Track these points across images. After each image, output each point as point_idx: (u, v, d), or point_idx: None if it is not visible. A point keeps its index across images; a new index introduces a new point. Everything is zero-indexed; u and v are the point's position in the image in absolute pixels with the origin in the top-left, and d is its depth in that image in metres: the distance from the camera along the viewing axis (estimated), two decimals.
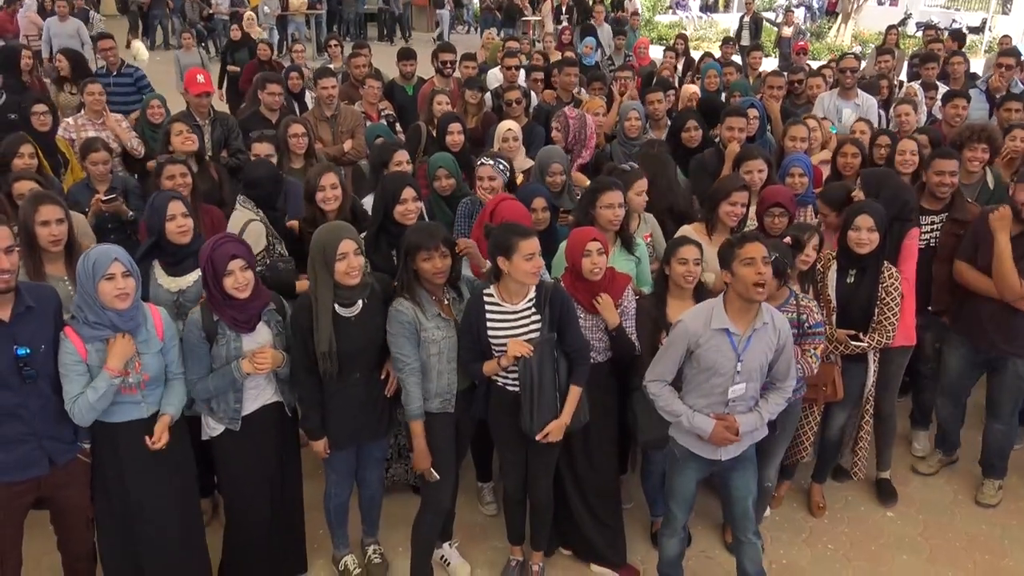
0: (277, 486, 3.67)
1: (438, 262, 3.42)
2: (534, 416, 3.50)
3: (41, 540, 3.50)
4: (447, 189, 4.77)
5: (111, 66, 7.82)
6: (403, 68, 7.37)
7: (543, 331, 3.48)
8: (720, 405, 3.39)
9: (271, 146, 4.88)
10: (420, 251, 3.39)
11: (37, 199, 3.63)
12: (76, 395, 3.09)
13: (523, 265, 3.38)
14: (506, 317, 3.48)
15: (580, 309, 3.72)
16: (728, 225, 4.27)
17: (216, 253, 3.26)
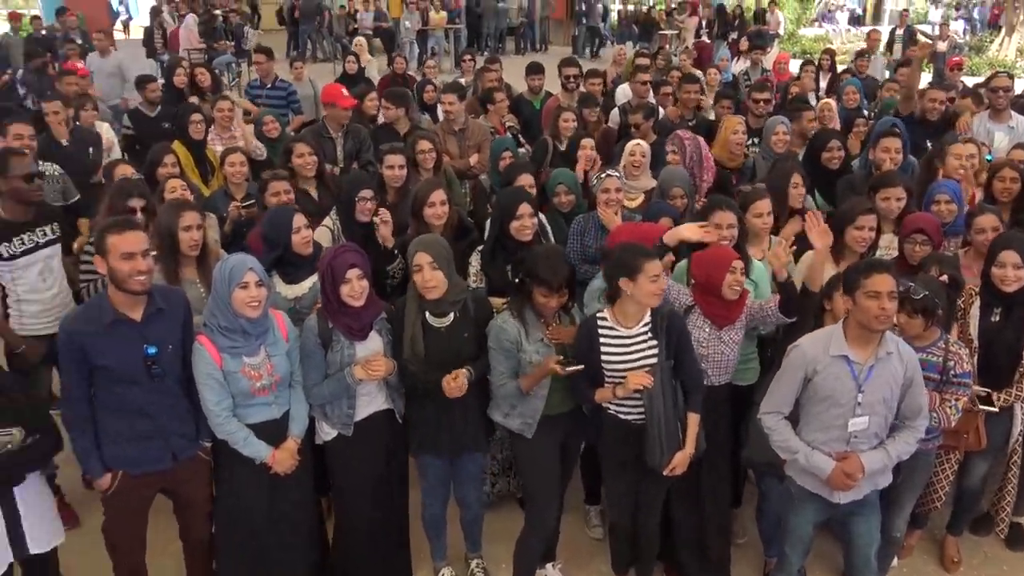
0: (385, 492, 3.73)
1: (554, 301, 3.43)
2: (664, 450, 3.40)
3: (169, 527, 3.68)
4: (566, 205, 4.74)
5: (264, 79, 8.23)
6: (531, 82, 7.41)
7: (660, 357, 3.39)
8: (840, 441, 3.19)
9: (403, 157, 4.98)
10: (542, 286, 3.38)
11: (179, 205, 3.85)
12: (219, 405, 3.24)
13: (648, 286, 3.30)
14: (621, 342, 3.41)
15: (708, 325, 3.63)
16: (856, 251, 4.04)
17: (336, 261, 3.36)
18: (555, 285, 3.37)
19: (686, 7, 20.40)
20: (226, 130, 6.47)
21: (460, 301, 3.54)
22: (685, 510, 3.83)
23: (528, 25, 22.88)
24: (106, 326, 3.13)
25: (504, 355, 3.50)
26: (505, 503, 4.49)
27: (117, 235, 3.09)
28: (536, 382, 3.50)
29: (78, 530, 4.15)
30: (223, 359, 3.23)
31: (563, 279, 3.39)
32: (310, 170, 5.07)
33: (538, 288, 3.40)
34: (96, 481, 3.32)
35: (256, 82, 8.33)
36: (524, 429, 3.59)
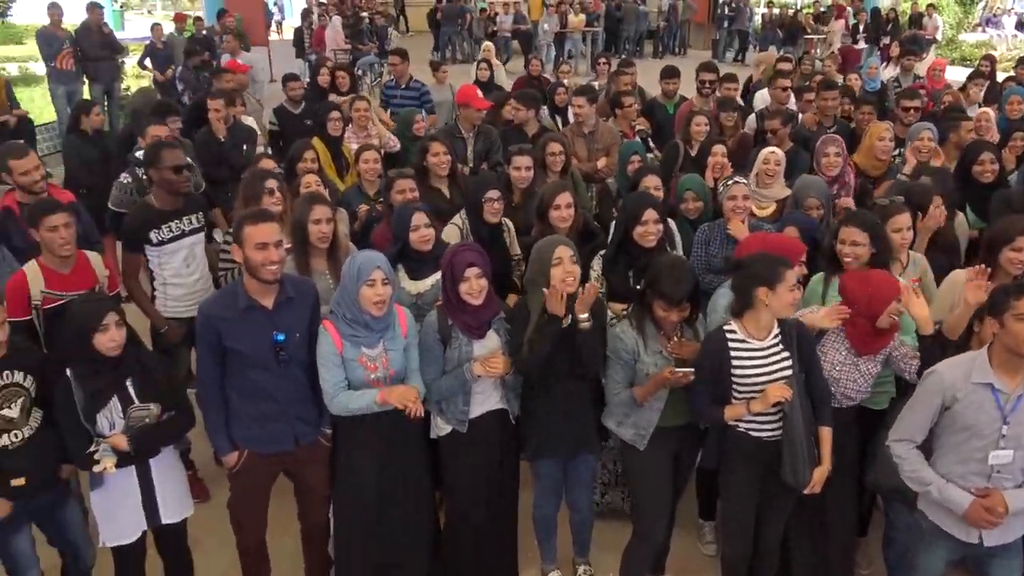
0: (496, 491, 3.74)
1: (674, 316, 3.35)
2: (804, 466, 3.26)
3: (291, 507, 3.82)
4: (693, 212, 4.64)
5: (399, 79, 8.47)
6: (665, 86, 7.28)
7: (794, 369, 3.26)
8: (980, 476, 2.96)
9: (530, 159, 5.00)
10: (662, 300, 3.31)
11: (312, 199, 4.00)
12: (335, 384, 3.33)
13: (787, 296, 3.20)
14: (753, 355, 3.29)
15: (846, 349, 3.46)
16: (1010, 273, 3.74)
17: (456, 259, 3.41)
18: (676, 299, 3.28)
19: (832, 10, 19.55)
20: (363, 129, 6.69)
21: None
22: (806, 533, 3.67)
23: (668, 28, 22.55)
24: (240, 312, 3.29)
25: (621, 365, 3.46)
26: (615, 516, 4.41)
27: (252, 225, 3.24)
28: (651, 393, 3.43)
29: (207, 504, 4.37)
30: (344, 346, 3.33)
31: (685, 293, 3.30)
32: (444, 169, 5.14)
33: (658, 301, 3.33)
34: (224, 458, 3.50)
35: (392, 82, 8.58)
36: (636, 440, 3.53)
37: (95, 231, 4.97)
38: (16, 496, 3.23)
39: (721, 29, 21.68)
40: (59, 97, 10.87)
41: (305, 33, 16.91)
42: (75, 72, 10.93)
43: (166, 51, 12.35)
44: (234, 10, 15.79)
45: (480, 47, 19.74)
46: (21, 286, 3.83)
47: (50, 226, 3.78)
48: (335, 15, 17.14)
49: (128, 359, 3.23)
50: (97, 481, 3.29)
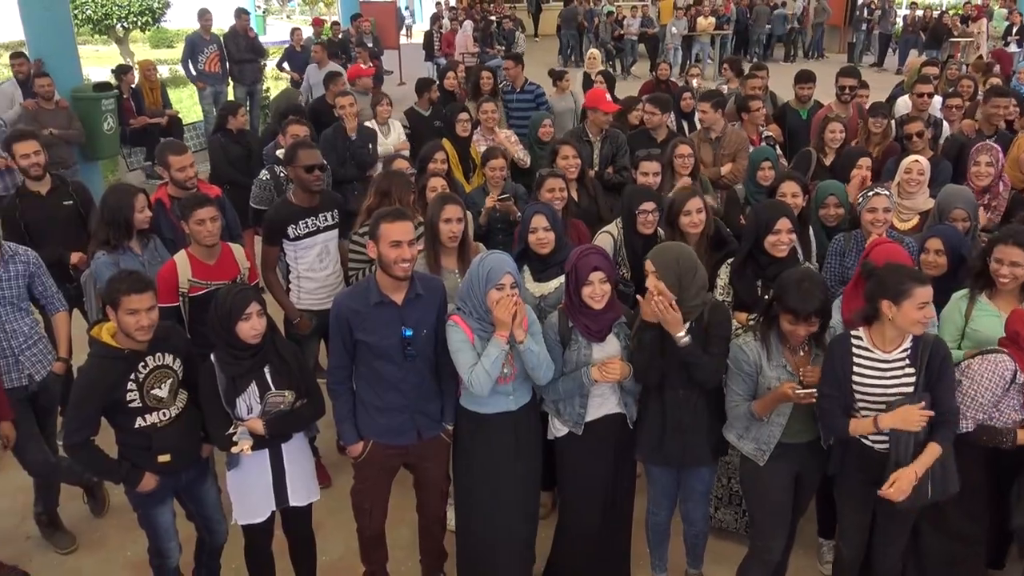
0: (610, 495, 3.73)
1: (801, 330, 3.23)
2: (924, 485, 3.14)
3: (410, 499, 3.93)
4: (834, 219, 4.49)
5: (514, 84, 8.56)
6: (799, 91, 7.03)
7: (917, 387, 3.12)
8: None
9: (658, 164, 4.95)
10: (789, 313, 3.21)
11: (443, 199, 4.09)
12: (471, 365, 3.36)
13: (914, 313, 3.05)
14: (876, 366, 3.17)
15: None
16: None
17: (581, 262, 3.41)
18: (803, 313, 3.17)
19: (972, 10, 18.43)
20: (490, 132, 6.78)
21: (700, 310, 3.44)
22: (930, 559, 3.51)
23: (799, 32, 21.84)
24: (371, 306, 3.40)
25: (742, 377, 3.38)
26: (731, 535, 4.32)
27: (388, 223, 3.33)
28: (770, 408, 3.34)
29: (329, 490, 4.55)
30: (475, 339, 3.38)
31: (814, 308, 3.17)
32: (573, 172, 5.15)
33: (785, 314, 3.22)
34: (349, 447, 3.62)
35: (508, 86, 8.67)
36: (757, 455, 3.44)
37: (238, 225, 5.25)
38: (162, 472, 3.44)
39: (858, 32, 20.79)
40: (205, 98, 11.54)
41: (434, 37, 17.31)
42: (220, 74, 11.57)
43: (304, 54, 12.90)
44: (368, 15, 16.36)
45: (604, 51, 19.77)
46: (171, 274, 4.08)
47: (198, 219, 4.02)
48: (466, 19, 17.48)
49: (266, 347, 3.39)
50: (233, 462, 3.47)
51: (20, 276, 4.10)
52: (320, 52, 11.10)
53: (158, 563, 3.67)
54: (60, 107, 8.05)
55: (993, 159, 4.87)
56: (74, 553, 4.36)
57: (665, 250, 3.48)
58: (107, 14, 20.78)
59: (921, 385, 3.12)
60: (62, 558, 4.33)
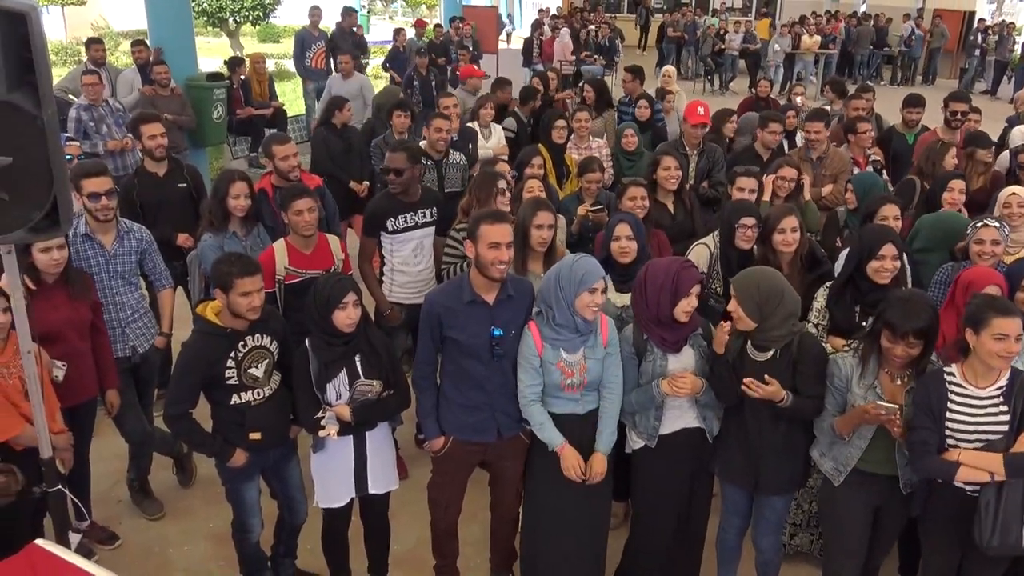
0: (684, 512, 3.69)
1: (898, 350, 3.13)
2: (995, 529, 3.01)
3: (482, 497, 3.99)
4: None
5: (631, 95, 8.54)
6: (907, 115, 6.81)
7: (1012, 425, 3.00)
8: None
9: (754, 180, 4.89)
10: (888, 329, 3.12)
11: (536, 204, 4.11)
12: (530, 387, 3.42)
13: (991, 344, 2.95)
14: (969, 402, 3.06)
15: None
16: None
17: (685, 274, 3.37)
18: (903, 331, 3.07)
19: None
20: (583, 140, 6.80)
21: (787, 339, 3.37)
22: None
23: (908, 54, 21.14)
24: (463, 304, 3.45)
25: (833, 391, 3.32)
26: (806, 558, 4.22)
27: (488, 225, 3.38)
28: (850, 425, 3.25)
29: (405, 483, 4.58)
30: (544, 348, 3.40)
31: (914, 328, 3.06)
32: (673, 183, 5.14)
33: (886, 329, 3.13)
34: (430, 441, 3.69)
35: (626, 98, 8.66)
36: (834, 475, 3.37)
37: (336, 217, 5.41)
38: (252, 448, 3.56)
39: (971, 58, 19.99)
40: (309, 93, 11.89)
41: (534, 43, 17.42)
42: (325, 70, 11.89)
43: (406, 54, 13.17)
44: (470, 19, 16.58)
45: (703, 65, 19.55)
46: (270, 261, 4.23)
47: (297, 209, 4.16)
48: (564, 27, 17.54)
49: (359, 336, 3.48)
50: (319, 445, 3.57)
51: (133, 252, 4.31)
52: (349, 64, 9.85)
53: (240, 537, 3.81)
54: (175, 94, 8.43)
55: None
56: (161, 520, 4.55)
57: (748, 275, 3.42)
58: (221, 7, 21.63)
59: (1015, 423, 3.00)
60: (149, 523, 4.52)
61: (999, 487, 3.00)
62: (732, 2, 27.82)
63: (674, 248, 4.67)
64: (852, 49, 20.62)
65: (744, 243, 4.18)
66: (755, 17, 24.37)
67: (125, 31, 23.17)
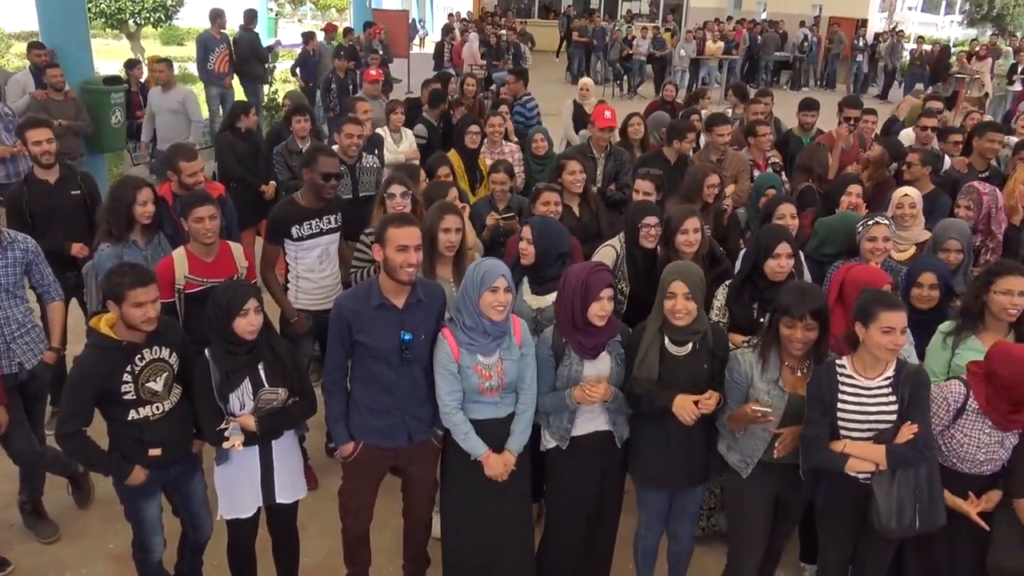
0: (595, 510, 3.73)
1: (798, 333, 3.24)
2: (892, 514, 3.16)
3: (393, 503, 3.94)
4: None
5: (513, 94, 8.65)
6: (802, 118, 7.09)
7: (898, 415, 3.15)
8: None
9: (652, 184, 5.00)
10: (784, 316, 3.24)
11: (443, 208, 4.12)
12: (449, 393, 3.41)
13: (879, 338, 3.10)
14: (859, 392, 3.20)
15: (985, 421, 3.28)
16: None
17: (594, 278, 3.39)
18: (798, 313, 3.19)
19: (980, 50, 18.63)
20: (496, 145, 6.83)
21: (702, 332, 3.47)
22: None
23: (804, 60, 22.04)
24: (373, 308, 3.42)
25: (733, 387, 3.40)
26: (720, 542, 4.33)
27: (396, 228, 3.37)
28: (737, 423, 3.37)
29: (315, 493, 4.49)
30: (460, 353, 3.40)
31: (810, 309, 3.19)
32: (578, 187, 5.21)
33: (783, 317, 3.24)
34: (340, 447, 3.64)
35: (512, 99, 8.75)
36: (741, 467, 3.47)
37: (236, 226, 5.29)
38: (152, 465, 3.44)
39: (854, 62, 21.02)
40: (213, 97, 11.59)
41: (445, 48, 17.42)
42: (229, 75, 11.61)
43: (315, 59, 12.97)
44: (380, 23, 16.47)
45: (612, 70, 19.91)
46: (168, 270, 4.10)
47: (197, 217, 4.06)
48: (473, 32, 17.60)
49: (261, 344, 3.41)
50: (223, 457, 3.48)
51: (17, 263, 4.11)
52: (165, 73, 8.37)
53: (142, 556, 3.68)
54: (68, 98, 8.07)
55: (973, 202, 4.91)
56: (56, 543, 4.35)
57: (690, 270, 3.47)
58: (120, 8, 20.88)
59: (903, 414, 3.15)
60: (43, 547, 4.32)
61: (892, 473, 3.15)
62: (640, 8, 28.46)
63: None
64: (758, 55, 21.35)
65: (648, 242, 4.27)
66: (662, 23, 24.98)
67: (17, 32, 22.10)
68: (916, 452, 3.12)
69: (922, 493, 3.17)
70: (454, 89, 8.93)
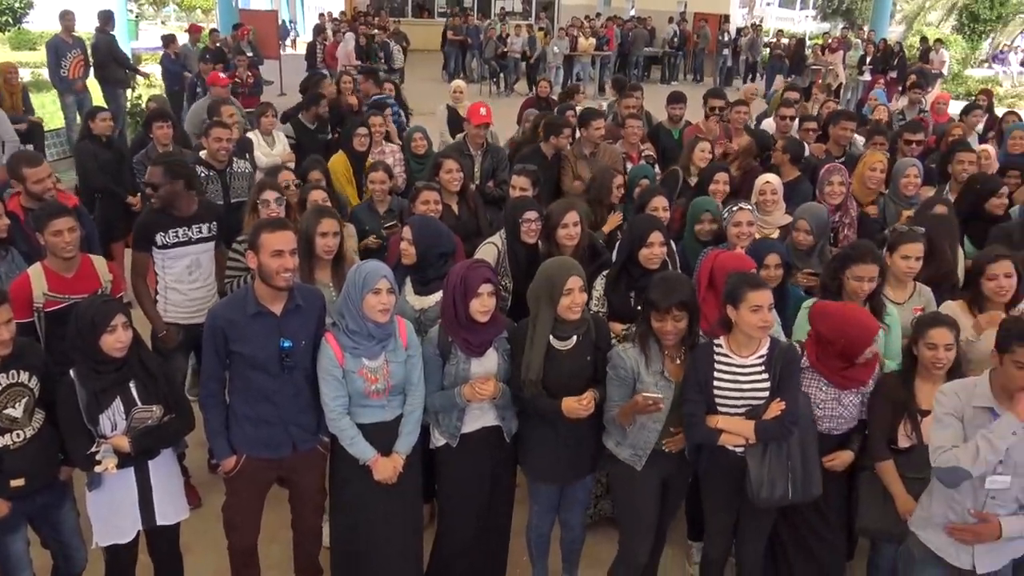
0: (486, 505, 3.75)
1: (668, 324, 3.33)
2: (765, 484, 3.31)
3: (281, 514, 3.85)
4: (707, 234, 4.68)
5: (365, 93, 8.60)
6: (671, 111, 7.33)
7: (771, 391, 3.30)
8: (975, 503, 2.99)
9: (528, 180, 5.06)
10: (653, 310, 3.33)
11: (320, 212, 4.06)
12: (335, 399, 3.36)
13: (748, 316, 3.24)
14: (733, 371, 3.34)
15: (822, 380, 3.50)
16: (996, 301, 3.81)
17: (471, 274, 3.40)
18: (665, 306, 3.29)
19: (832, 42, 19.84)
20: (377, 144, 6.75)
21: (584, 324, 3.53)
22: (794, 558, 3.70)
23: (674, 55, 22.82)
24: (248, 317, 3.33)
25: (618, 383, 3.45)
26: (604, 525, 4.43)
27: (270, 233, 3.29)
28: (627, 417, 3.44)
29: (199, 511, 4.38)
30: (344, 358, 3.35)
31: (676, 301, 3.29)
32: (455, 185, 5.21)
33: (652, 311, 3.33)
34: (222, 461, 3.52)
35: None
36: (634, 460, 3.53)
37: (96, 238, 5.04)
38: (15, 496, 3.24)
39: (720, 56, 21.91)
40: (69, 105, 10.95)
41: (317, 48, 17.09)
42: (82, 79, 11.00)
43: (179, 62, 12.47)
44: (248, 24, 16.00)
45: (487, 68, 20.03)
46: (24, 288, 3.87)
47: (54, 230, 3.84)
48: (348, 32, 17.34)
49: (132, 361, 3.27)
50: (96, 482, 3.31)
51: None
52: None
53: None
54: None
55: (844, 179, 5.23)
56: None
57: (565, 270, 3.48)
58: None
59: (775, 390, 3.31)
60: None
61: (764, 446, 3.30)
62: (513, 6, 28.74)
63: None
64: (629, 51, 21.93)
65: (529, 237, 4.31)
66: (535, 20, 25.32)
67: None
68: (783, 427, 3.28)
69: (795, 464, 3.34)
70: (332, 91, 8.73)
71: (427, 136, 6.91)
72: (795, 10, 35.30)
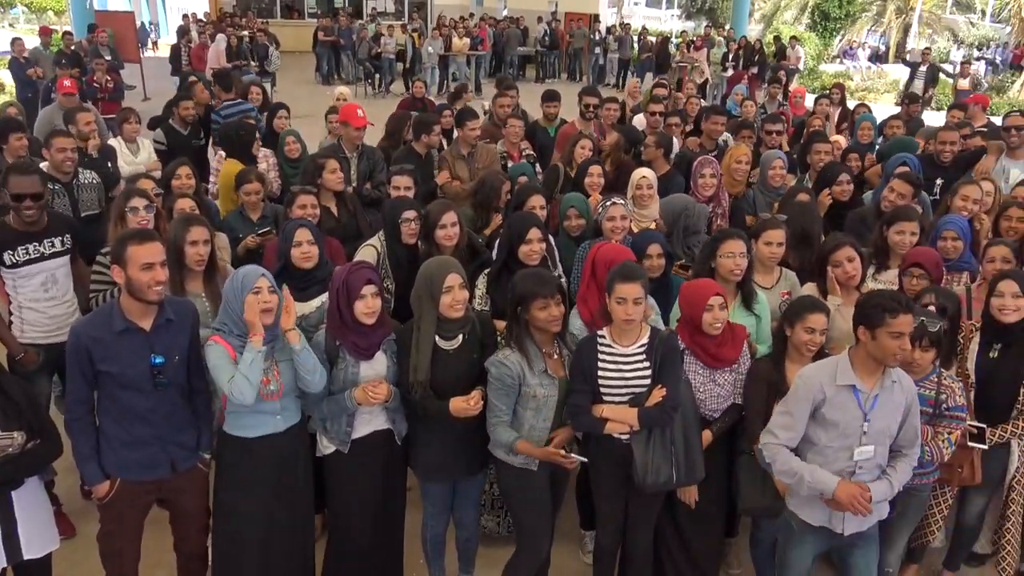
0: (380, 510, 3.72)
1: (554, 310, 3.39)
2: (649, 470, 3.40)
3: (163, 538, 3.69)
4: (576, 229, 4.77)
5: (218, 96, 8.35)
6: (546, 109, 7.44)
7: (652, 379, 3.41)
8: (845, 473, 3.17)
9: (410, 179, 5.03)
10: (536, 299, 3.36)
11: (188, 220, 3.90)
12: (230, 376, 3.19)
13: (615, 307, 3.35)
14: (616, 360, 3.43)
15: (696, 362, 3.63)
16: (846, 285, 4.09)
17: (352, 276, 3.37)
18: (547, 292, 3.34)
19: (696, 40, 20.70)
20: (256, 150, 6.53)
21: (468, 323, 3.54)
22: (677, 536, 3.83)
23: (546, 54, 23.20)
24: (115, 334, 3.18)
25: (504, 392, 3.43)
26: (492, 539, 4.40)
27: (138, 245, 3.14)
28: (533, 454, 3.48)
29: (73, 540, 4.16)
30: (237, 356, 3.25)
31: (554, 285, 3.38)
32: (340, 185, 5.15)
33: (535, 304, 3.37)
34: (94, 487, 3.34)
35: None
36: (529, 463, 3.56)
37: None
38: None
39: (592, 55, 22.44)
40: None
41: (182, 50, 16.44)
42: None
43: (29, 65, 11.74)
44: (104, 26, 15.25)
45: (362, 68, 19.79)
46: None
47: None
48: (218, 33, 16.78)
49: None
50: None
51: None
52: None
53: None
54: None
55: (715, 171, 5.45)
56: None
57: (444, 268, 3.48)
58: None
59: (655, 376, 3.41)
60: None
61: (648, 432, 3.40)
62: (385, 7, 28.49)
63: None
64: (503, 51, 22.15)
65: (409, 238, 4.30)
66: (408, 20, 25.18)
67: None
68: (664, 413, 3.39)
69: (678, 450, 3.45)
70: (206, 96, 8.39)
71: (300, 140, 6.77)
72: (661, 9, 36.54)
